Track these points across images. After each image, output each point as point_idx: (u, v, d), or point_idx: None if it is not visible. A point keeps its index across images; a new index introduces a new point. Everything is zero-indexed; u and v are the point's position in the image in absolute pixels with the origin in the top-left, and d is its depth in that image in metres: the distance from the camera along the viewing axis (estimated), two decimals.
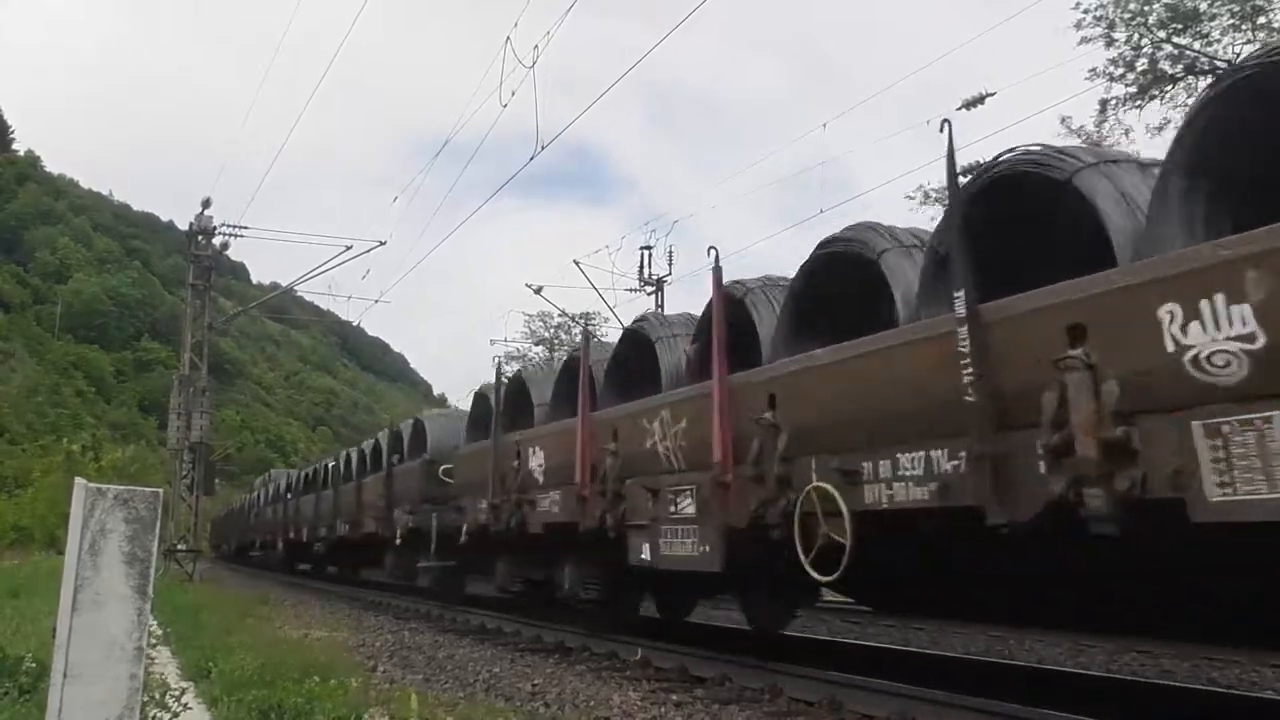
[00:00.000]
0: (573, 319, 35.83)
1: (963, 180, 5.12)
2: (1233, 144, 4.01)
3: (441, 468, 13.11)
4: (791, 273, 6.68)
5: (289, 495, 24.67)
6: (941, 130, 4.91)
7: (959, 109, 19.41)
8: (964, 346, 4.47)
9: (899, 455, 4.96)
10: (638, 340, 8.83)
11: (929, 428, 4.76)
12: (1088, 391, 3.95)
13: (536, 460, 9.81)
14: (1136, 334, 3.80)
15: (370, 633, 11.46)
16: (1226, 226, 3.91)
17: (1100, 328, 3.98)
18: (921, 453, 4.82)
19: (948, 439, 4.65)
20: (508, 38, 12.95)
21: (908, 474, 4.89)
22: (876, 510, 5.09)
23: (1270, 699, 6.78)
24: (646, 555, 7.53)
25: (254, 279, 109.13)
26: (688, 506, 6.97)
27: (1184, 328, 3.62)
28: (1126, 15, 20.74)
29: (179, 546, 22.86)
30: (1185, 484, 3.62)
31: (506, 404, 11.23)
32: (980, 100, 18.95)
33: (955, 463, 4.61)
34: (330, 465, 20.62)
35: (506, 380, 11.64)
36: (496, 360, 15.48)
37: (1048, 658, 9.39)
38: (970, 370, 4.44)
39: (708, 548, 6.71)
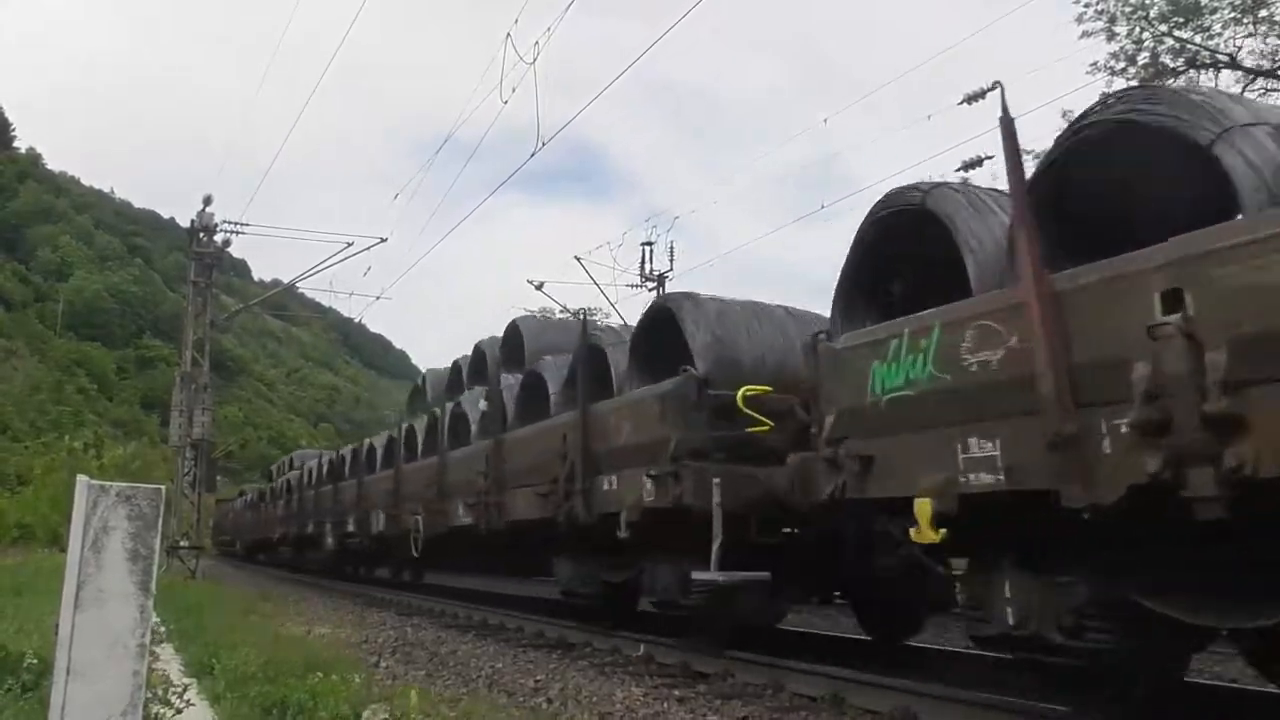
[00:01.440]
0: (574, 315, 35.78)
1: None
2: None
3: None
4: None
5: (346, 473, 19.38)
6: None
7: (960, 103, 19.39)
8: None
9: None
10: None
11: None
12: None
13: None
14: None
15: (373, 629, 11.47)
16: None
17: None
18: None
19: None
20: (508, 34, 12.93)
21: None
22: None
23: (1273, 693, 6.77)
24: None
25: (255, 276, 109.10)
26: None
27: None
28: (1128, 9, 20.68)
29: (181, 544, 22.87)
30: None
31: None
32: (982, 95, 18.91)
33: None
34: (408, 429, 15.67)
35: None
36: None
37: None
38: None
39: None
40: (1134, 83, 20.90)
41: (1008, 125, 4.81)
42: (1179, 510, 3.96)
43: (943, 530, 5.11)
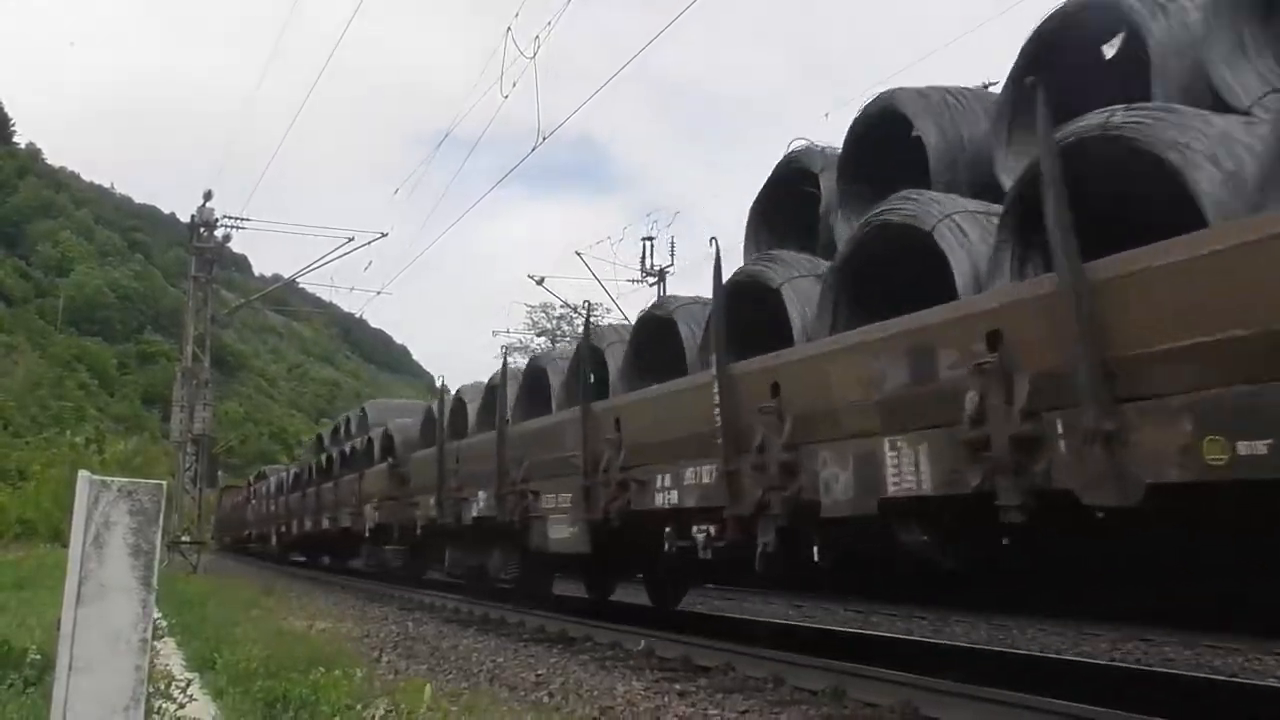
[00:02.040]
0: (575, 310, 35.84)
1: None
2: None
3: None
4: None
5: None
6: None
7: None
8: None
9: None
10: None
11: None
12: None
13: None
14: None
15: (374, 623, 11.49)
16: None
17: None
18: None
19: None
20: (509, 29, 12.95)
21: None
22: None
23: (1272, 687, 6.79)
24: None
25: (256, 271, 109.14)
26: None
27: None
28: None
29: (183, 539, 22.91)
30: None
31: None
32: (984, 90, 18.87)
33: None
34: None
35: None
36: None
37: (1050, 646, 9.40)
38: None
39: None
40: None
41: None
42: None
43: None
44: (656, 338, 8.24)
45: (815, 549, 5.92)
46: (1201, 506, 3.89)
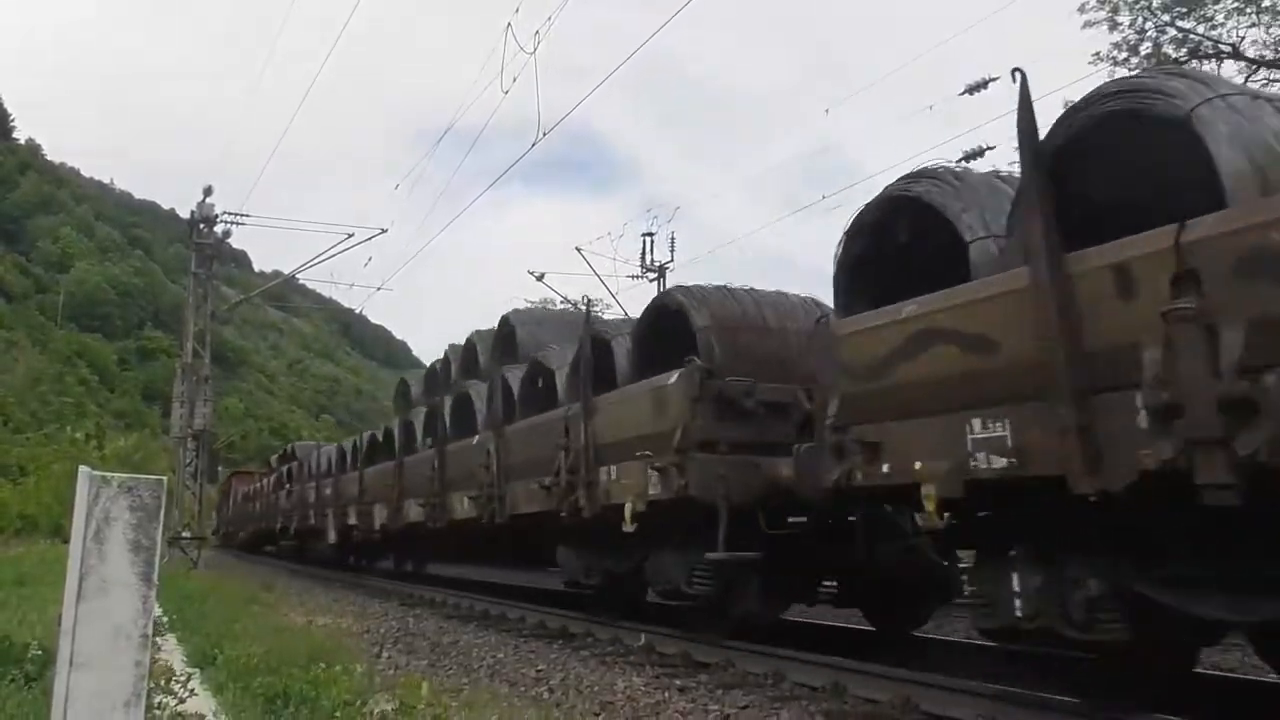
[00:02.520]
0: (574, 305, 35.82)
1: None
2: None
3: None
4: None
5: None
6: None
7: (962, 94, 19.37)
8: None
9: None
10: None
11: None
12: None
13: None
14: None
15: (374, 619, 11.50)
16: None
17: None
18: None
19: None
20: (508, 24, 12.92)
21: None
22: None
23: (1272, 682, 6.78)
24: None
25: (256, 267, 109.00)
26: None
27: None
28: None
29: (183, 534, 22.92)
30: None
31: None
32: (984, 85, 18.89)
33: None
34: None
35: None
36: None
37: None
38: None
39: None
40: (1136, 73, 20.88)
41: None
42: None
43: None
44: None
45: None
46: None
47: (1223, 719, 5.22)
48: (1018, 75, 4.72)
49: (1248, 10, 19.55)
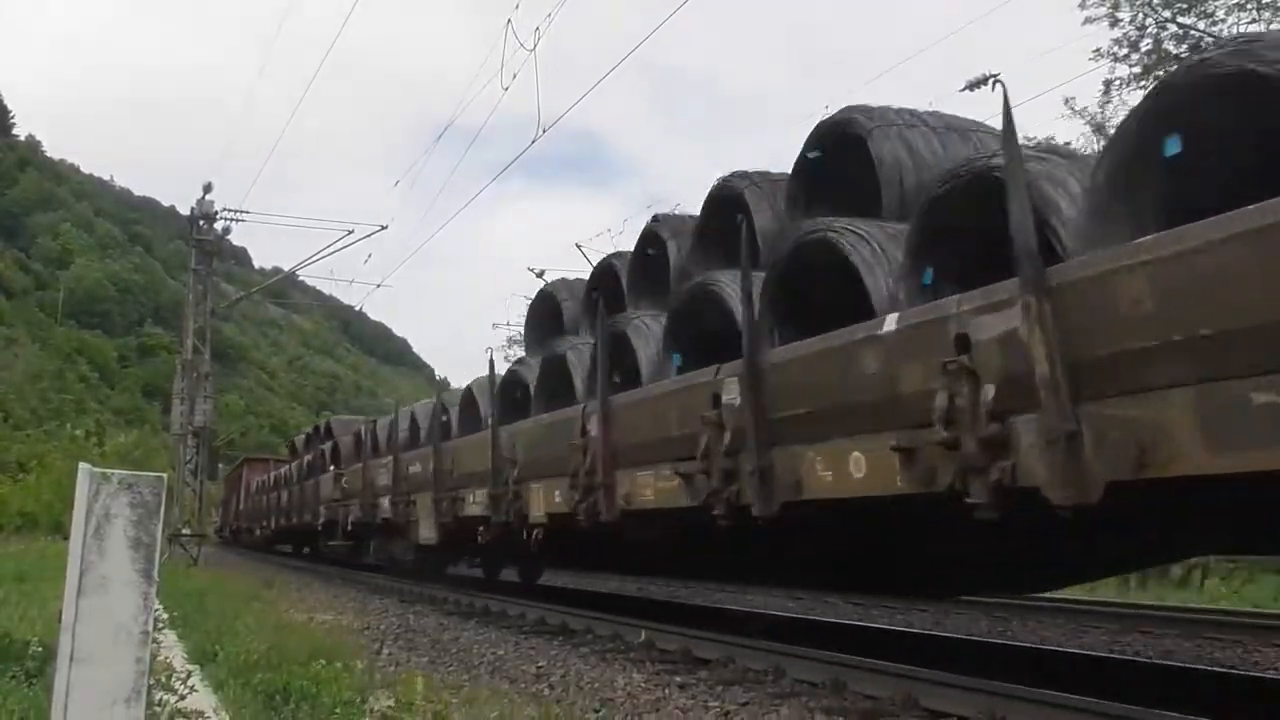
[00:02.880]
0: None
1: None
2: None
3: None
4: None
5: None
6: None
7: (961, 90, 19.31)
8: None
9: None
10: None
11: None
12: None
13: None
14: None
15: (375, 616, 11.51)
16: None
17: None
18: None
19: None
20: (509, 21, 12.90)
21: None
22: None
23: (1272, 679, 6.80)
24: None
25: (256, 264, 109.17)
26: None
27: None
28: None
29: (183, 531, 22.94)
30: None
31: None
32: (983, 82, 18.83)
33: None
34: None
35: None
36: None
37: (1050, 638, 9.42)
38: None
39: None
40: (1136, 69, 20.89)
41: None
42: None
43: None
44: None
45: None
46: None
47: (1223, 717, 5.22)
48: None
49: (1248, 6, 19.57)
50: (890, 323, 4.81)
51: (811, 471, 5.34)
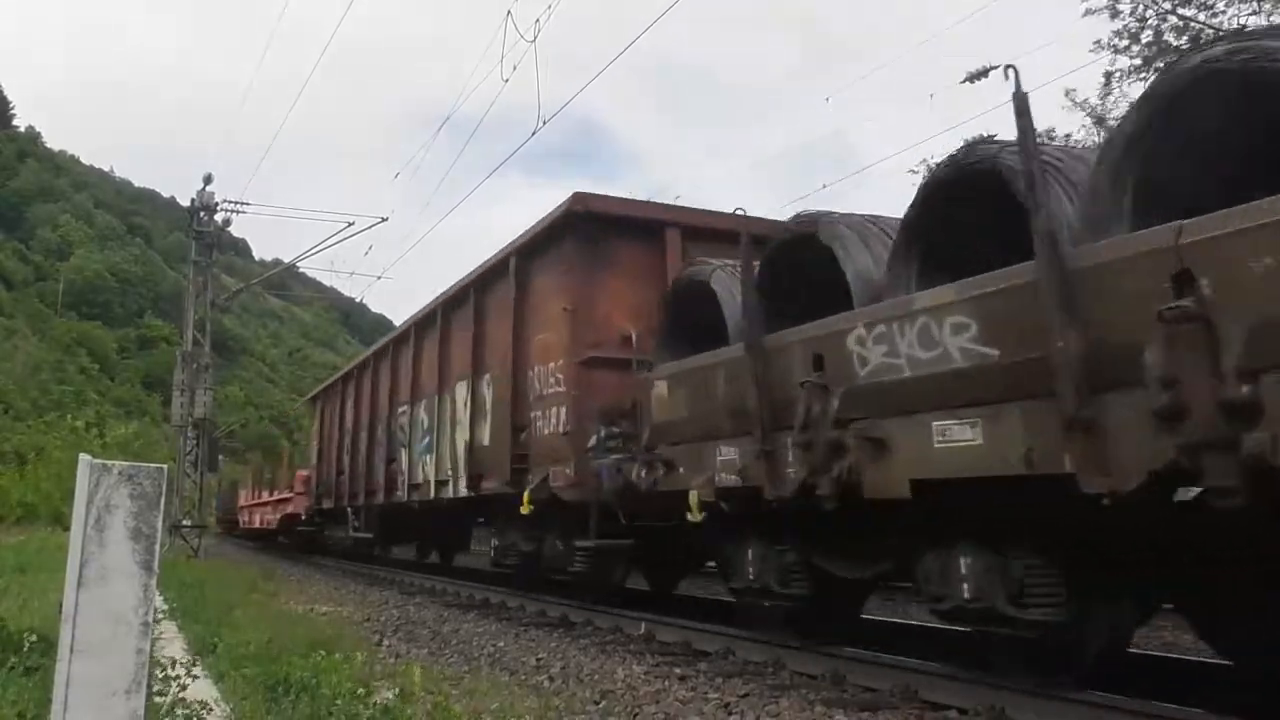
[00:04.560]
0: None
1: None
2: None
3: None
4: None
5: None
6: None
7: (962, 82, 19.28)
8: None
9: None
10: None
11: None
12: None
13: None
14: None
15: (375, 608, 11.53)
16: None
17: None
18: None
19: None
20: (508, 12, 12.83)
21: None
22: None
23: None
24: None
25: (256, 255, 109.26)
26: None
27: None
28: None
29: (184, 523, 22.96)
30: None
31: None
32: (984, 74, 18.81)
33: None
34: None
35: None
36: None
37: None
38: None
39: None
40: (1137, 61, 20.84)
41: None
42: None
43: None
44: None
45: None
46: None
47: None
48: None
49: None
50: None
51: None
